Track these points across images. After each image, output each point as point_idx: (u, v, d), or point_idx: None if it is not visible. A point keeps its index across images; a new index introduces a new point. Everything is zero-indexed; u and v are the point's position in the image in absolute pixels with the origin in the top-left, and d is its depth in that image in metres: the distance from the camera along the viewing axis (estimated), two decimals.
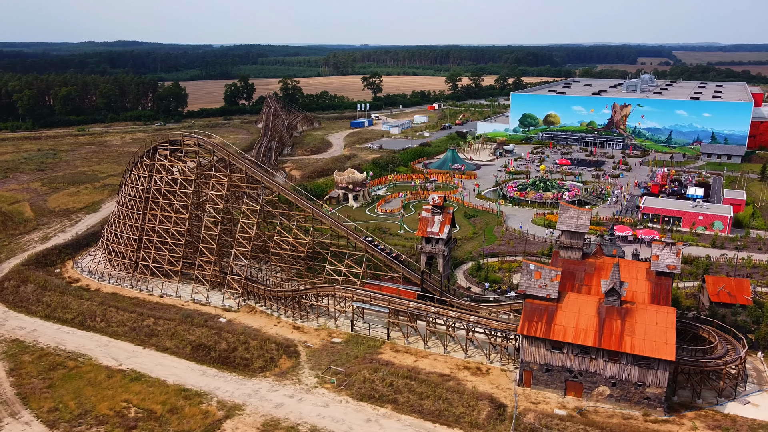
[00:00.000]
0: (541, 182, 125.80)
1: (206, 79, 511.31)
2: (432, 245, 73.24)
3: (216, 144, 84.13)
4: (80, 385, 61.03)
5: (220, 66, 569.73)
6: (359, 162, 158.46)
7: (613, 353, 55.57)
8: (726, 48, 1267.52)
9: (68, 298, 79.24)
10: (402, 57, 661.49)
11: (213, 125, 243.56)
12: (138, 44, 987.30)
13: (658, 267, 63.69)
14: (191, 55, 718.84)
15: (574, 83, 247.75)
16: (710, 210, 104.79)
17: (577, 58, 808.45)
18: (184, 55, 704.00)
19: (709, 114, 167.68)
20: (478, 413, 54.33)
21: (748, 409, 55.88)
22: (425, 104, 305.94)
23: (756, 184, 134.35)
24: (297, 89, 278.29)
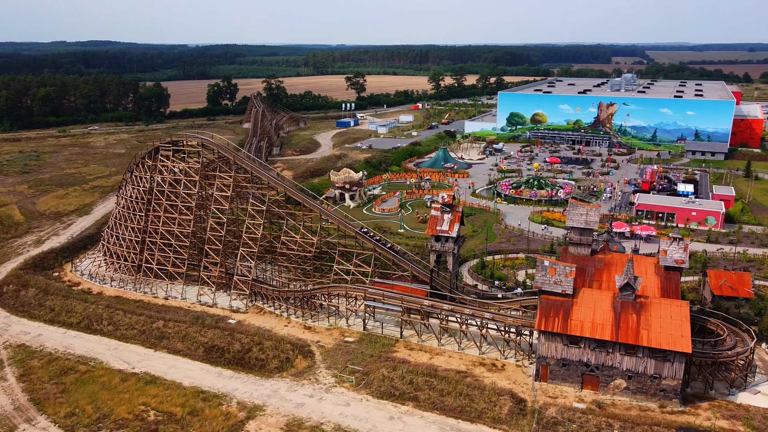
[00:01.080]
0: (535, 180, 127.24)
1: (185, 80, 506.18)
2: (442, 243, 73.71)
3: (220, 144, 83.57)
4: (95, 390, 60.25)
5: (199, 66, 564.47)
6: (350, 162, 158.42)
7: (630, 347, 56.66)
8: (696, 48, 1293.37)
9: (72, 301, 78.00)
10: (381, 57, 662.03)
11: (197, 126, 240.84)
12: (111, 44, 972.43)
13: (666, 262, 65.05)
14: (167, 55, 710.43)
15: (557, 82, 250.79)
16: (702, 206, 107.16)
17: (554, 58, 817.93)
18: (161, 55, 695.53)
19: (693, 112, 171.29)
20: (500, 408, 54.97)
21: (759, 398, 57.42)
22: (409, 104, 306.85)
23: (741, 181, 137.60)
24: (281, 89, 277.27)
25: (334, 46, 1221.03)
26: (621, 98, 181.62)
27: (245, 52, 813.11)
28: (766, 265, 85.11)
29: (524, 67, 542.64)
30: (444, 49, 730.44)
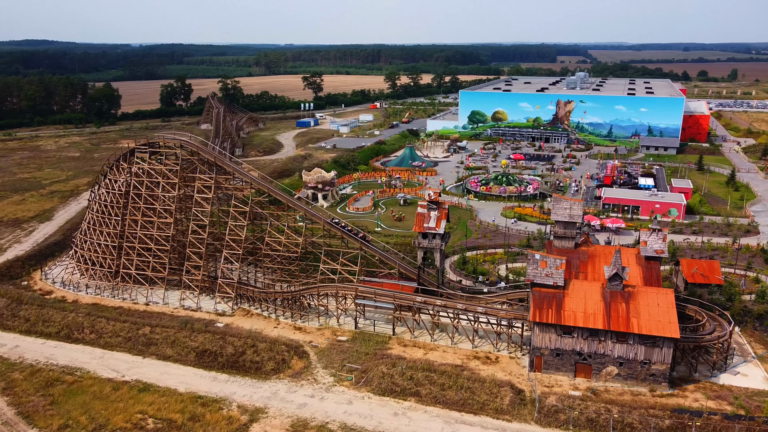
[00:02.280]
0: (504, 177, 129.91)
1: (131, 80, 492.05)
2: (429, 240, 74.59)
3: (200, 146, 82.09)
4: (86, 400, 58.42)
5: (146, 66, 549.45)
6: (316, 162, 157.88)
7: (621, 334, 58.88)
8: (635, 47, 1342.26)
9: (48, 311, 75.16)
10: (333, 56, 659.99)
11: (152, 127, 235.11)
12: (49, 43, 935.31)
13: (647, 252, 67.88)
14: (111, 55, 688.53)
15: (514, 81, 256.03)
16: (665, 198, 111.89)
17: (502, 57, 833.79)
18: (104, 55, 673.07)
19: (646, 109, 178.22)
20: (501, 400, 56.25)
21: (739, 379, 60.67)
22: (366, 103, 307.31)
23: (695, 174, 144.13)
24: (237, 89, 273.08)
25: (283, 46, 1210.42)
26: (578, 96, 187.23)
27: (193, 52, 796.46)
28: (730, 253, 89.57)
29: (475, 66, 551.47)
30: (395, 49, 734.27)
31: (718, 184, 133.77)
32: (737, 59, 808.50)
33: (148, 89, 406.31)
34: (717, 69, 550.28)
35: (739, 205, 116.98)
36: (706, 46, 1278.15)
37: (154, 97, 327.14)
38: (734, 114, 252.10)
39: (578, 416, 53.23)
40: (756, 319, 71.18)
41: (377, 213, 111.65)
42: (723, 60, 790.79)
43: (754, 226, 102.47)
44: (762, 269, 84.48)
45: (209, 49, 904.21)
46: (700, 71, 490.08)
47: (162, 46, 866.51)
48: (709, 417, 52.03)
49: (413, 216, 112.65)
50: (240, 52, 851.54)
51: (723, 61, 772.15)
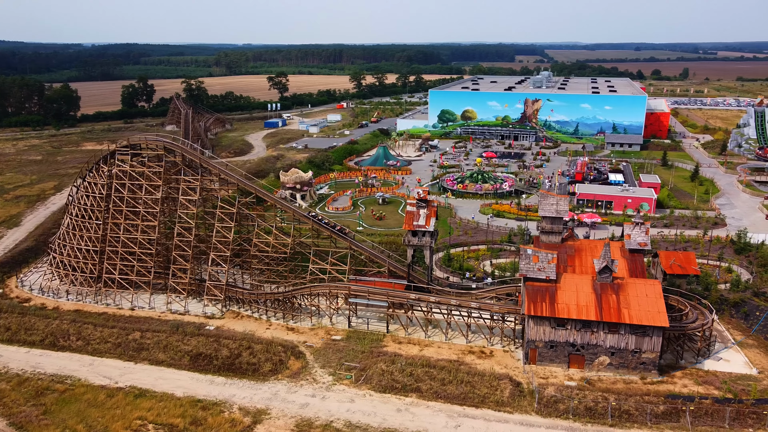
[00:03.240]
0: (479, 175, 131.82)
1: (87, 81, 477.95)
2: (419, 238, 75.35)
3: (184, 147, 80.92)
4: (81, 408, 57.09)
5: (101, 66, 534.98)
6: (290, 162, 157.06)
7: (613, 325, 60.79)
8: (589, 47, 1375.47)
9: (30, 318, 73.05)
10: (295, 56, 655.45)
11: (114, 129, 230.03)
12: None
13: (630, 245, 70.21)
14: (63, 55, 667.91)
15: (480, 80, 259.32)
16: (636, 193, 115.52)
17: (461, 57, 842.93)
18: (56, 55, 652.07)
19: (610, 107, 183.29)
20: (501, 392, 57.42)
21: (722, 364, 63.33)
22: (332, 103, 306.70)
23: (659, 169, 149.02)
24: (202, 90, 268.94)
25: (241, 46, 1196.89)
26: (544, 95, 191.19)
27: (149, 52, 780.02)
28: (702, 245, 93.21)
29: (437, 66, 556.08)
30: (357, 49, 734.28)
31: (683, 179, 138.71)
32: (686, 59, 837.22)
33: (106, 90, 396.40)
34: (669, 68, 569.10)
35: (704, 198, 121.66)
36: (656, 45, 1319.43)
37: (114, 98, 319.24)
38: (690, 111, 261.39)
39: (577, 405, 54.78)
40: (732, 306, 74.36)
41: (358, 212, 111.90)
42: (673, 59, 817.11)
43: (721, 218, 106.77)
44: (733, 259, 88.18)
45: (166, 49, 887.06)
46: (653, 70, 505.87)
47: (116, 46, 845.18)
48: (701, 401, 54.29)
49: (393, 215, 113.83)
50: (198, 52, 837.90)
51: (673, 60, 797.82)
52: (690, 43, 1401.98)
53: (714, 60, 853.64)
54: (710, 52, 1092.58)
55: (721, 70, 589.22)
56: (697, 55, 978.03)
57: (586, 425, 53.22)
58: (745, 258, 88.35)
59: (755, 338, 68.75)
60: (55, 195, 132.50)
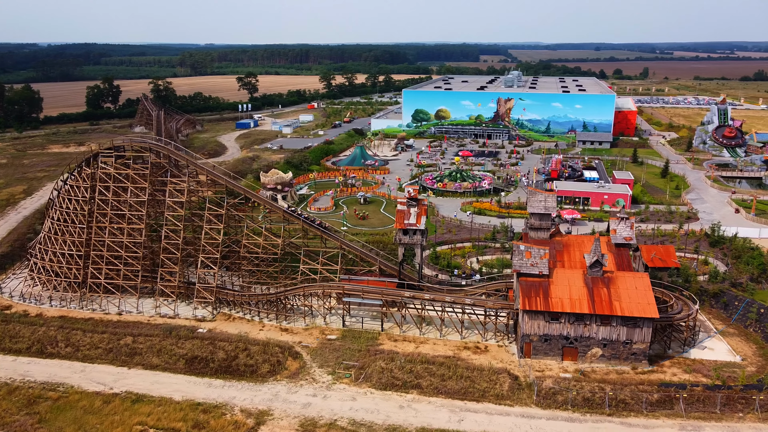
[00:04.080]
0: (458, 173, 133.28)
1: (45, 82, 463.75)
2: (410, 236, 76.01)
3: (171, 149, 79.86)
4: (77, 415, 55.98)
5: (60, 67, 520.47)
6: (266, 163, 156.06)
7: (605, 317, 62.50)
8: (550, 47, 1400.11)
9: (15, 326, 71.17)
10: (260, 56, 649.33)
11: (81, 131, 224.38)
12: None
13: (616, 239, 72.33)
14: (18, 55, 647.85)
15: (451, 80, 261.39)
16: (611, 189, 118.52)
17: (427, 56, 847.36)
18: (10, 55, 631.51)
19: (580, 105, 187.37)
20: (500, 386, 58.49)
21: (707, 353, 65.76)
22: (302, 103, 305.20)
23: (630, 166, 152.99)
24: (170, 90, 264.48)
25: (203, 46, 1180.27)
26: (516, 94, 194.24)
27: (109, 52, 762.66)
28: (678, 239, 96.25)
29: (404, 65, 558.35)
30: (323, 49, 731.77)
31: (654, 175, 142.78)
32: (644, 58, 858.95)
33: (68, 91, 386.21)
34: (629, 67, 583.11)
35: (676, 194, 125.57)
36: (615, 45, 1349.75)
37: (77, 99, 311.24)
38: (654, 109, 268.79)
39: (575, 396, 56.21)
40: (712, 297, 77.13)
41: (342, 212, 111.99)
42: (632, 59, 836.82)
43: (693, 213, 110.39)
44: (708, 252, 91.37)
45: (127, 49, 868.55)
46: (615, 69, 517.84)
47: (75, 46, 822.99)
48: (692, 388, 56.30)
49: (375, 214, 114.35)
50: (160, 52, 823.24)
51: (632, 60, 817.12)
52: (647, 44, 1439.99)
53: (671, 60, 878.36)
54: (666, 52, 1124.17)
55: (678, 69, 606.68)
56: (655, 55, 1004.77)
57: (585, 415, 54.67)
58: (719, 250, 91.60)
59: (735, 327, 71.53)
60: (25, 199, 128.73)
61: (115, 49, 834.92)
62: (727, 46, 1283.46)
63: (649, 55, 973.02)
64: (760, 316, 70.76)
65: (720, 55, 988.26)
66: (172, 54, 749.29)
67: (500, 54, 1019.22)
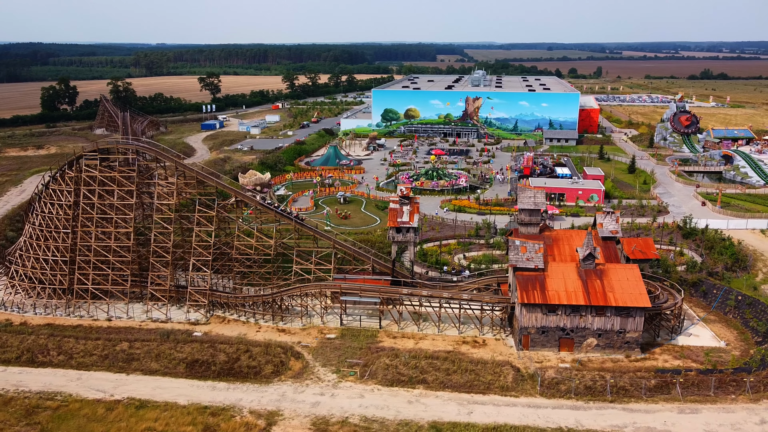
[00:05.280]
0: (434, 172, 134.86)
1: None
2: (403, 234, 76.90)
3: (159, 151, 78.51)
4: (81, 423, 54.72)
5: (6, 67, 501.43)
6: (238, 164, 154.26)
7: (600, 308, 64.72)
8: (504, 46, 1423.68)
9: (2, 335, 68.77)
10: (217, 56, 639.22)
11: (38, 134, 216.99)
12: None
13: (603, 233, 74.88)
14: None
15: (417, 79, 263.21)
16: (585, 185, 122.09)
17: (384, 56, 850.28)
18: None
19: (546, 104, 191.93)
20: (504, 378, 59.94)
21: (693, 339, 68.85)
22: (266, 104, 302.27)
23: (598, 162, 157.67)
24: (130, 91, 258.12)
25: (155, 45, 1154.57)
26: (484, 93, 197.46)
27: (57, 52, 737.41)
28: (653, 231, 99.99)
29: (364, 65, 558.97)
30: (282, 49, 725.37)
31: (621, 171, 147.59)
32: (596, 58, 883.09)
33: (16, 92, 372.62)
34: (583, 67, 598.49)
35: (644, 188, 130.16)
36: (567, 45, 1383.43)
37: (28, 100, 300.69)
38: (612, 108, 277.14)
39: (577, 385, 58.09)
40: (691, 286, 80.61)
41: (326, 212, 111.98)
42: (584, 59, 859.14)
43: (664, 206, 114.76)
44: (682, 243, 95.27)
45: (75, 49, 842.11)
46: (570, 69, 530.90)
47: (19, 45, 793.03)
48: (687, 373, 58.96)
49: (357, 213, 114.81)
50: (110, 52, 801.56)
51: (584, 59, 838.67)
52: (597, 44, 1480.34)
53: (621, 59, 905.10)
54: (616, 51, 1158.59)
55: (629, 68, 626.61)
56: (605, 55, 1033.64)
57: (588, 403, 56.58)
58: (692, 242, 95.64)
59: (716, 314, 75.07)
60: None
61: (62, 49, 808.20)
62: (672, 46, 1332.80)
63: (599, 55, 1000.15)
64: (738, 303, 74.44)
65: (666, 54, 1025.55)
66: (123, 54, 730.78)
67: (456, 54, 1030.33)
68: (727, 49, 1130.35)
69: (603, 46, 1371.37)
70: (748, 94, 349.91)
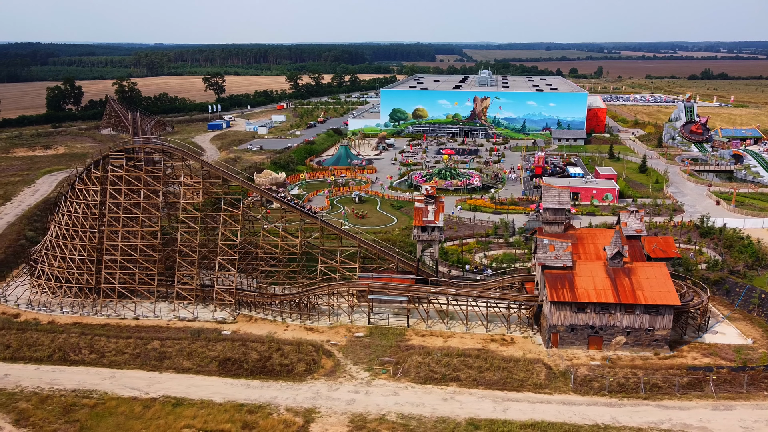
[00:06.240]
0: (446, 171, 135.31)
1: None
2: (428, 233, 77.33)
3: (185, 151, 78.85)
4: (119, 421, 55.05)
5: (7, 67, 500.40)
6: (249, 164, 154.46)
7: (629, 306, 65.21)
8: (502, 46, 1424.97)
9: (33, 334, 69.02)
10: (218, 56, 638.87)
11: (44, 134, 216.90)
12: None
13: (628, 231, 75.32)
14: None
15: (422, 79, 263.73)
16: (599, 184, 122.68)
17: (383, 56, 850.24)
18: None
19: (554, 104, 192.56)
20: (537, 375, 60.42)
21: (720, 337, 69.40)
22: (270, 104, 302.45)
23: (608, 162, 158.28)
24: (135, 91, 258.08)
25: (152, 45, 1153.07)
26: (492, 93, 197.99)
27: (57, 52, 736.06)
28: (669, 230, 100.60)
29: (365, 65, 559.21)
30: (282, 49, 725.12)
31: (632, 170, 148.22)
32: (594, 58, 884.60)
33: (19, 92, 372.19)
34: (583, 66, 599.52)
35: (656, 188, 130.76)
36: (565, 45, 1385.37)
37: (31, 101, 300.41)
38: (617, 107, 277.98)
39: (611, 382, 58.58)
40: (713, 285, 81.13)
41: (344, 212, 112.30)
42: (583, 59, 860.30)
43: (679, 206, 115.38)
44: (700, 242, 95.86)
45: (73, 49, 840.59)
46: (571, 69, 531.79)
47: (18, 45, 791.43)
48: (718, 371, 59.49)
49: (373, 213, 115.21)
50: (109, 52, 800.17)
51: (583, 59, 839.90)
52: (595, 44, 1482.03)
53: (619, 59, 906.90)
54: (614, 51, 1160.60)
55: (628, 68, 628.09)
56: (604, 54, 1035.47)
57: (622, 400, 57.07)
58: (710, 241, 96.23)
59: (739, 312, 75.65)
60: (4, 205, 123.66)
61: (61, 49, 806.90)
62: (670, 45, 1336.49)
63: (598, 55, 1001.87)
64: (762, 301, 75.03)
65: (664, 54, 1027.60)
66: (122, 54, 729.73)
67: (455, 53, 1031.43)
68: (724, 49, 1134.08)
69: (601, 46, 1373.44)
70: (750, 93, 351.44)
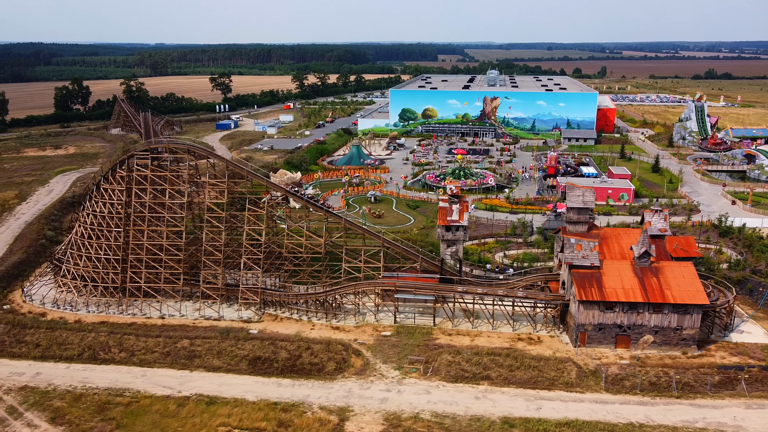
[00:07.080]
0: (460, 171, 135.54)
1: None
2: (453, 233, 77.57)
3: (210, 151, 79.12)
4: (155, 419, 55.32)
5: (11, 67, 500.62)
6: (262, 164, 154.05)
7: (657, 305, 65.42)
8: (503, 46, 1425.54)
9: (62, 333, 69.32)
10: (221, 56, 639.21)
11: (53, 134, 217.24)
12: None
13: (652, 231, 75.45)
14: None
15: (430, 79, 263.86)
16: (614, 184, 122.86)
17: (385, 56, 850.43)
18: None
19: (564, 104, 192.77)
20: (568, 374, 60.65)
21: (746, 336, 69.61)
22: (277, 103, 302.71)
23: (619, 161, 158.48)
24: (143, 91, 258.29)
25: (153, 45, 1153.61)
26: (501, 93, 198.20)
27: (60, 52, 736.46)
28: (688, 230, 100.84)
29: (369, 65, 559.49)
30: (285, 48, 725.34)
31: (644, 170, 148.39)
32: (597, 57, 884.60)
33: (24, 92, 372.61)
34: (586, 66, 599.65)
35: (670, 187, 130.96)
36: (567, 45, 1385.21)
37: (38, 100, 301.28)
38: (623, 107, 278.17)
39: (642, 381, 58.81)
40: (736, 284, 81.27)
41: (362, 212, 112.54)
42: (585, 58, 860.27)
43: (695, 205, 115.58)
44: (720, 242, 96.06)
45: (77, 49, 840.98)
46: (575, 69, 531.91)
47: (21, 45, 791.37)
48: (749, 370, 59.72)
49: (389, 212, 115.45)
50: (111, 52, 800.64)
51: (585, 59, 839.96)
52: (597, 43, 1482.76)
53: (621, 59, 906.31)
54: (616, 51, 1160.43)
55: (631, 68, 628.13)
56: (606, 54, 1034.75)
57: (654, 398, 57.32)
58: (729, 240, 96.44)
59: (763, 311, 75.86)
60: (21, 204, 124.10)
61: (64, 49, 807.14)
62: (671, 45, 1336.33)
63: (600, 55, 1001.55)
64: None
65: (666, 54, 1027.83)
66: (124, 54, 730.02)
67: (457, 53, 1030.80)
68: (726, 49, 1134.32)
69: (603, 45, 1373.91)
70: (755, 93, 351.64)
